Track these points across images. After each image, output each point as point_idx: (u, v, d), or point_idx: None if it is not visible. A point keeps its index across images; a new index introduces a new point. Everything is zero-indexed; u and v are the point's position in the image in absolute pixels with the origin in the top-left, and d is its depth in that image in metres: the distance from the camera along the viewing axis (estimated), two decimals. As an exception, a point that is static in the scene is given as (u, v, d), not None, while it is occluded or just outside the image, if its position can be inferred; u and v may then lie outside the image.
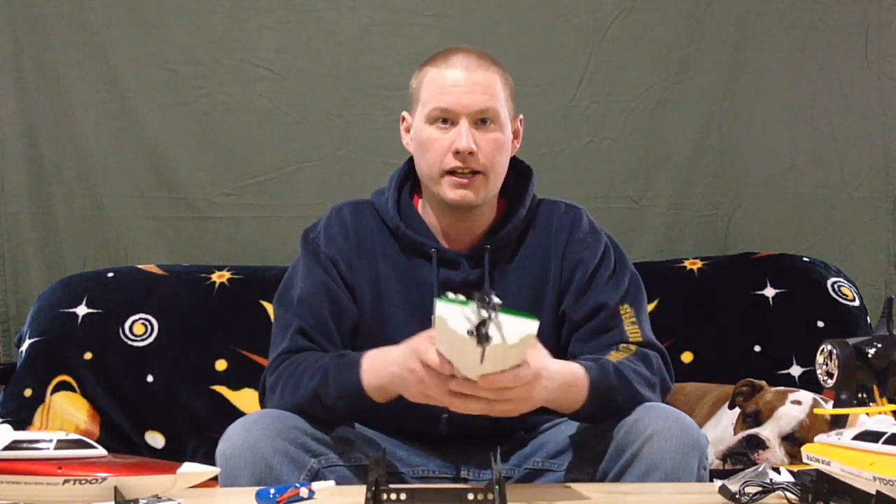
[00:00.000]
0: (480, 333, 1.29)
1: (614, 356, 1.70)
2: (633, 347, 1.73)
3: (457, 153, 1.71)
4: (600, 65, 2.84)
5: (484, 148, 1.72)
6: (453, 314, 1.32)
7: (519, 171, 1.86)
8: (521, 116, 1.84)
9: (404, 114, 1.85)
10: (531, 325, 1.35)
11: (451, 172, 1.73)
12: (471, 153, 1.71)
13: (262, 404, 1.78)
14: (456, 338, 1.33)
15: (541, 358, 1.50)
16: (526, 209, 1.82)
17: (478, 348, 1.31)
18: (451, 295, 1.36)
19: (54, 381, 2.45)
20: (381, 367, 1.61)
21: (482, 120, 1.73)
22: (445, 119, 1.73)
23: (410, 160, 1.85)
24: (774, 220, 2.89)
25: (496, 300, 1.30)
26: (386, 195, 1.84)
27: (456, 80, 1.72)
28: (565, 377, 1.59)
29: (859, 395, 1.45)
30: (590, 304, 1.77)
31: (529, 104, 2.23)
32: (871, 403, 1.45)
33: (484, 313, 1.29)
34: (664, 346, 1.79)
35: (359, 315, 1.79)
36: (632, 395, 1.66)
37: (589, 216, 1.87)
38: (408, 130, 1.83)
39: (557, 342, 1.78)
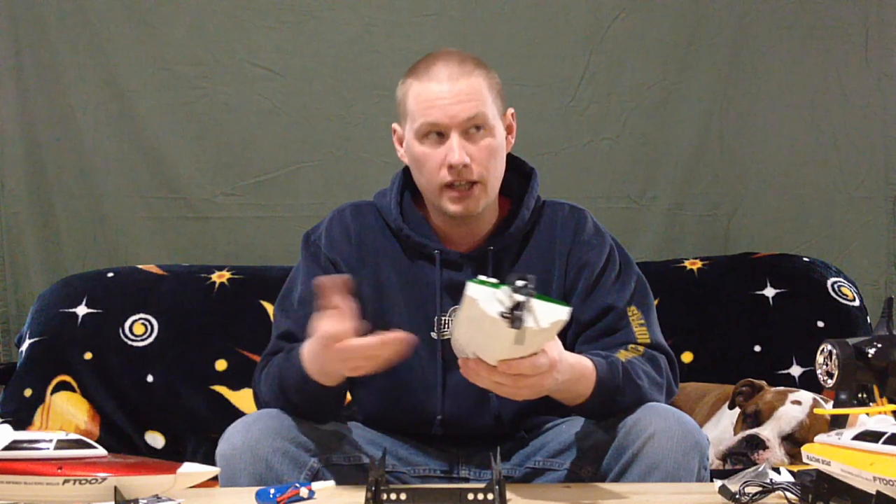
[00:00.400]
0: (514, 316, 1.29)
1: (623, 355, 1.70)
2: (640, 349, 1.73)
3: (451, 167, 1.71)
4: (600, 65, 2.84)
5: (477, 157, 1.71)
6: (485, 296, 1.32)
7: (522, 172, 1.85)
8: (513, 110, 1.81)
9: (395, 126, 1.83)
10: (563, 312, 1.35)
11: (449, 186, 1.72)
12: (465, 165, 1.70)
13: (256, 406, 1.79)
14: (485, 320, 1.32)
15: (555, 348, 1.50)
16: (529, 211, 1.81)
17: (509, 331, 1.31)
18: (482, 277, 1.36)
19: (54, 381, 2.46)
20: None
21: (474, 127, 1.71)
22: (436, 133, 1.72)
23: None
24: (774, 220, 2.89)
25: (532, 285, 1.30)
26: (388, 197, 1.83)
27: (440, 92, 1.70)
28: (575, 369, 1.59)
29: (859, 395, 1.45)
30: (597, 306, 1.77)
31: (529, 104, 2.23)
32: (871, 403, 1.45)
33: (519, 297, 1.29)
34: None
35: (359, 317, 1.79)
36: (637, 395, 1.66)
37: (593, 218, 1.86)
38: (400, 142, 1.82)
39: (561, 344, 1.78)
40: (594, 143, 2.86)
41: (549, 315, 1.33)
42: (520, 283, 1.31)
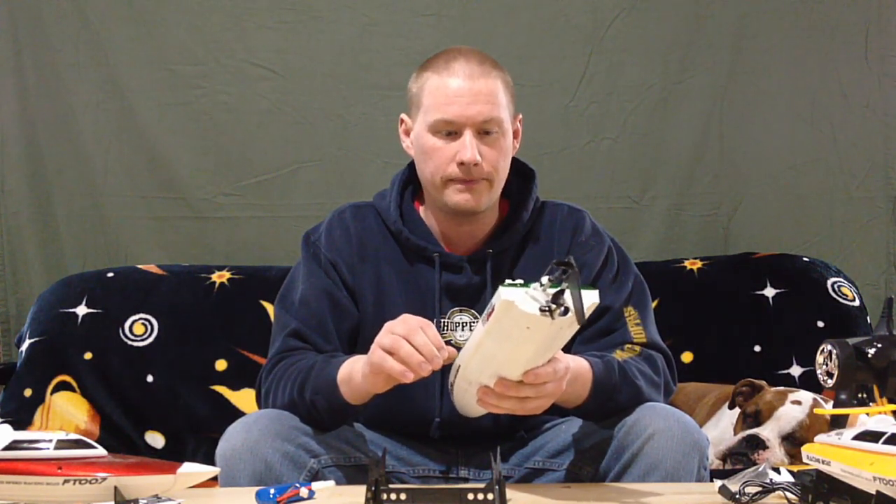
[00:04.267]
0: (556, 306, 1.28)
1: (619, 355, 1.70)
2: (637, 348, 1.74)
3: (461, 164, 1.71)
4: (600, 65, 2.84)
5: (487, 157, 1.72)
6: (519, 297, 1.31)
7: (521, 173, 1.85)
8: (521, 116, 1.83)
9: (403, 116, 1.83)
10: (594, 295, 1.34)
11: (454, 180, 1.73)
12: (475, 164, 1.71)
13: (259, 405, 1.79)
14: (522, 322, 1.31)
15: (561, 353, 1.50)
16: (528, 213, 1.82)
17: (549, 329, 1.30)
18: (508, 281, 1.35)
19: (54, 381, 2.46)
20: (359, 359, 1.61)
21: (487, 128, 1.72)
22: (449, 130, 1.73)
23: (412, 164, 1.84)
24: (774, 220, 2.89)
25: (573, 269, 1.29)
26: (388, 198, 1.83)
27: (458, 89, 1.70)
28: (572, 372, 1.59)
29: (859, 395, 1.45)
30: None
31: (529, 104, 2.23)
32: (871, 403, 1.45)
33: (556, 288, 1.29)
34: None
35: (360, 318, 1.79)
36: (635, 394, 1.66)
37: (592, 219, 1.86)
38: (407, 133, 1.82)
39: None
40: (594, 143, 2.86)
41: (584, 300, 1.32)
42: (558, 268, 1.30)
